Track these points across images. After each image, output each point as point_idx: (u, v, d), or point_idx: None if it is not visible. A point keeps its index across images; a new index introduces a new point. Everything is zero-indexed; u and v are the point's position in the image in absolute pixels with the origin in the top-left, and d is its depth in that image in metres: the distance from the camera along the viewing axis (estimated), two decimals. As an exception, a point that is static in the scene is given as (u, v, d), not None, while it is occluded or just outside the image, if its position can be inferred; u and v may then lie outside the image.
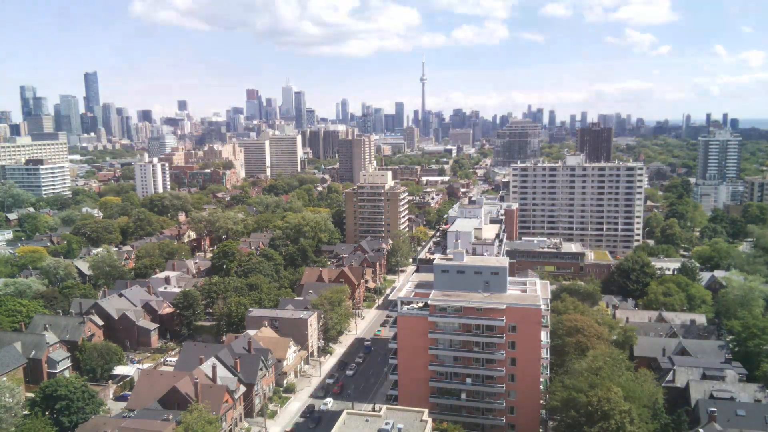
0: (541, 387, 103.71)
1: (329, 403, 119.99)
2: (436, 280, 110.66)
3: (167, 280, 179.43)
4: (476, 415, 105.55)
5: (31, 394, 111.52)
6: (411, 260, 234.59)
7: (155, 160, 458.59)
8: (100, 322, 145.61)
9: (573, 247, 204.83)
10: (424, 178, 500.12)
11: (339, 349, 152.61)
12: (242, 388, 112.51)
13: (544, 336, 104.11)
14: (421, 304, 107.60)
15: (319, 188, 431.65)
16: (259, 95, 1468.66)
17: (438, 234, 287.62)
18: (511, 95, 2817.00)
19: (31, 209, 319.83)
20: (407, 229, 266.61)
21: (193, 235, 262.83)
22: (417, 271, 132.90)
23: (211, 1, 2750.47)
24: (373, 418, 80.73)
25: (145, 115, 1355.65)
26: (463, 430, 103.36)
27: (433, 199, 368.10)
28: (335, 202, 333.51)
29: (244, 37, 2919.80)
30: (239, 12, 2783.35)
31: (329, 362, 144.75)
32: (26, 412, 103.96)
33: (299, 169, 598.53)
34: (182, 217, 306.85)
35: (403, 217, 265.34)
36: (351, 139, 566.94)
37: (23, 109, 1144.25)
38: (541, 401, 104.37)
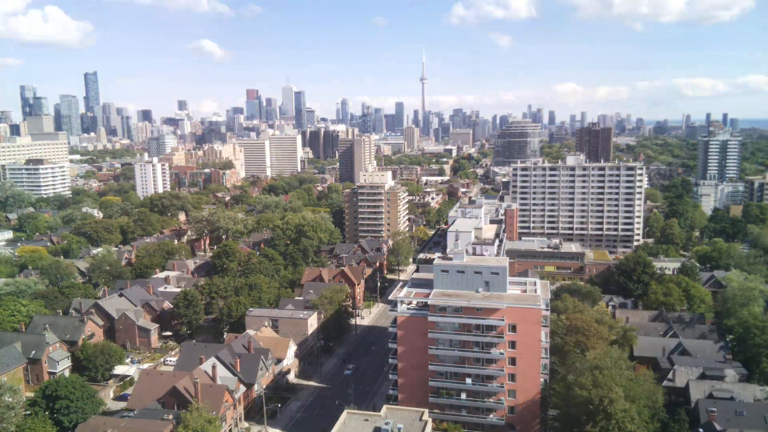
0: (541, 386, 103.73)
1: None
2: (435, 279, 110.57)
3: (167, 280, 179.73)
4: (476, 415, 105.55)
5: (31, 394, 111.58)
6: (411, 260, 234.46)
7: (155, 160, 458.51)
8: (100, 322, 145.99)
9: (573, 247, 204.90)
10: (424, 178, 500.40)
11: (339, 349, 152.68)
12: (242, 388, 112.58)
13: (544, 336, 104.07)
14: (421, 304, 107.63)
15: (319, 188, 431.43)
16: (259, 95, 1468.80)
17: (438, 234, 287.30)
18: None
19: (31, 209, 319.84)
20: (407, 229, 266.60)
21: (193, 235, 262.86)
22: (417, 271, 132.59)
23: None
24: (373, 418, 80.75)
25: (145, 115, 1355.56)
26: (463, 430, 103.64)
27: (433, 199, 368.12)
28: (335, 202, 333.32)
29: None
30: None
31: (329, 362, 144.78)
32: (26, 411, 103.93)
33: (299, 169, 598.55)
34: (182, 217, 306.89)
35: (403, 217, 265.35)
36: (351, 139, 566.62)
37: (23, 109, 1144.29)
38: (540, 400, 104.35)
